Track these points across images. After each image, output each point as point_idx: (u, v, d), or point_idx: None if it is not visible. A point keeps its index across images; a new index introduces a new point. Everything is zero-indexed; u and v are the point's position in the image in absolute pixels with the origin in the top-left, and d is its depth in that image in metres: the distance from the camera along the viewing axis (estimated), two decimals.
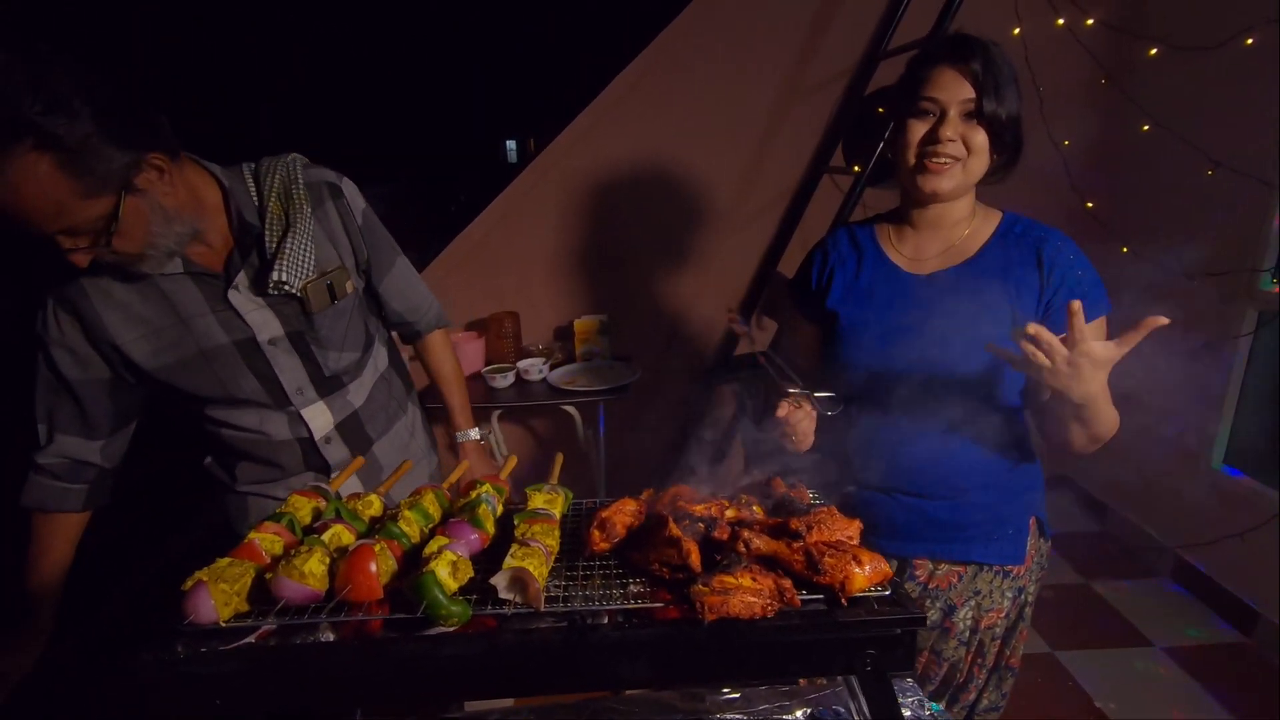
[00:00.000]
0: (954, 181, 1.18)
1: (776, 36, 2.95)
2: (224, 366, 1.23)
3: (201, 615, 0.75)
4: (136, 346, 1.18)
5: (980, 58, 1.13)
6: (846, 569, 0.80)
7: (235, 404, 1.28)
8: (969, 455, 1.27)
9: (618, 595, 0.84)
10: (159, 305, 1.18)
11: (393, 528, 0.88)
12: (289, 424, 1.32)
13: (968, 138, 1.15)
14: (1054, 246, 1.20)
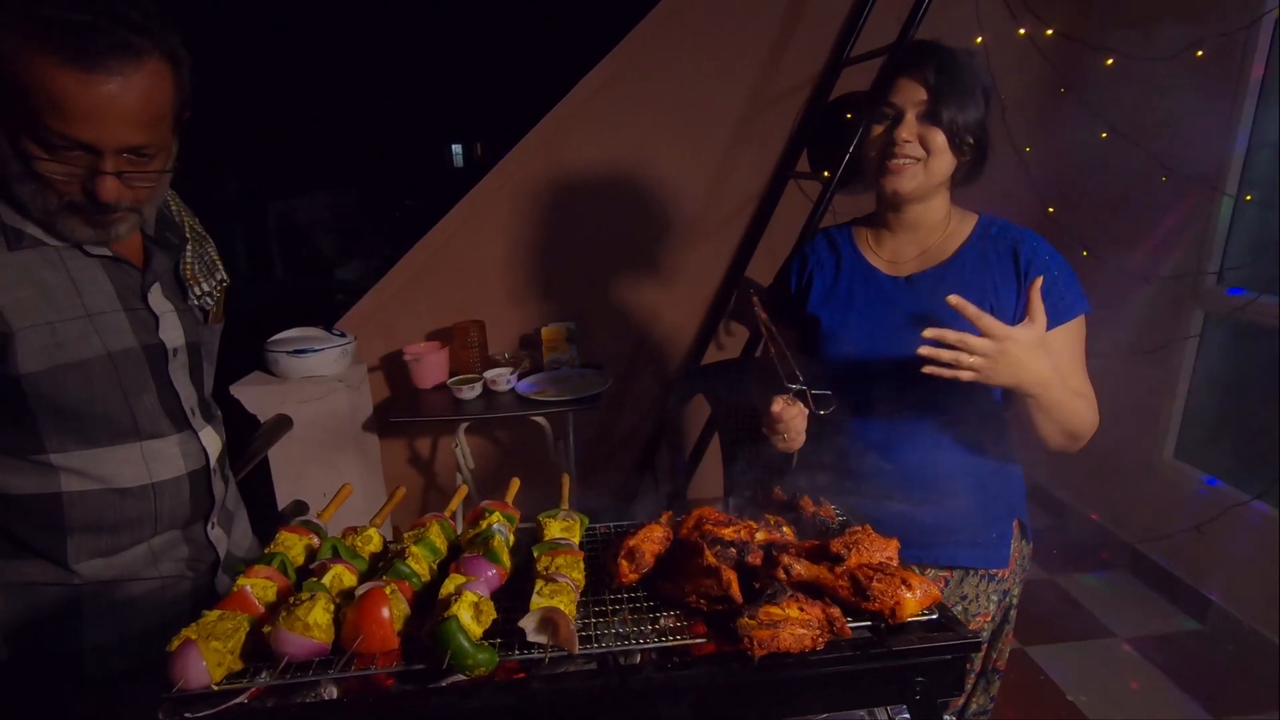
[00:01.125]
0: (915, 181, 1.19)
1: (741, 44, 2.95)
2: (128, 375, 1.03)
3: (192, 678, 0.66)
4: (27, 339, 0.93)
5: (935, 63, 1.16)
6: (897, 594, 0.76)
7: (111, 436, 1.04)
8: (953, 458, 1.26)
9: (650, 631, 0.78)
10: (63, 292, 0.97)
11: (401, 566, 0.79)
12: (181, 452, 1.11)
13: (926, 138, 1.17)
14: (1030, 247, 1.23)
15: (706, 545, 0.84)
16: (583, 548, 0.95)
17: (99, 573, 1.06)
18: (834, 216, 2.94)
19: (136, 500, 1.06)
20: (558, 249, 3.11)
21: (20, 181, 0.91)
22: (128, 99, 0.88)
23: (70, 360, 0.97)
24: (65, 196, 0.92)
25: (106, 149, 0.89)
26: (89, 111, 0.86)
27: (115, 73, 0.87)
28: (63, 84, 0.84)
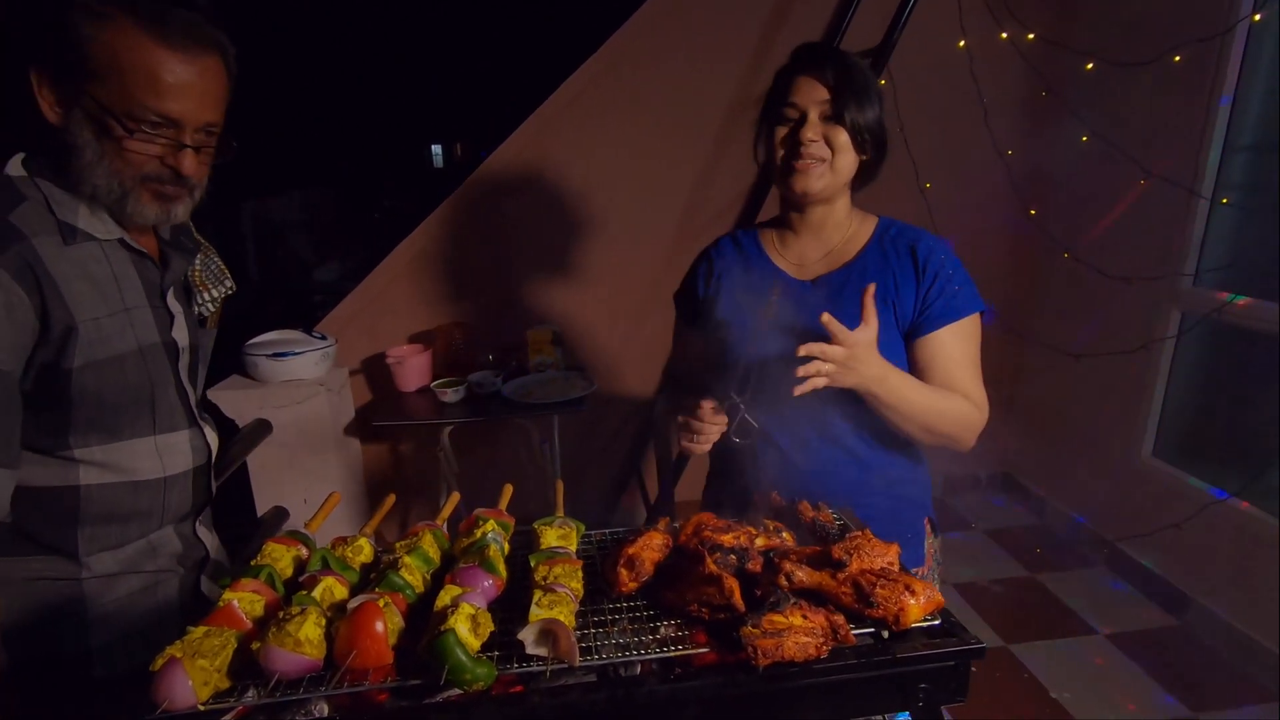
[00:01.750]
0: (823, 181, 1.22)
1: (726, 45, 2.94)
2: (155, 369, 1.08)
3: (177, 699, 0.63)
4: (85, 333, 0.98)
5: (834, 66, 1.19)
6: (901, 600, 0.76)
7: (133, 429, 1.08)
8: (864, 460, 1.29)
9: (651, 641, 0.76)
10: (108, 286, 1.02)
11: (394, 578, 0.77)
12: (190, 447, 1.16)
13: (830, 137, 1.19)
14: (927, 246, 1.26)
15: (707, 552, 0.83)
16: (579, 555, 0.94)
17: (106, 566, 1.08)
18: None
19: (150, 493, 1.10)
20: (542, 251, 3.08)
21: (98, 164, 0.96)
22: (207, 78, 0.99)
23: (111, 354, 1.01)
24: (143, 173, 0.98)
25: (188, 124, 0.98)
26: (180, 89, 0.96)
27: (199, 54, 0.97)
28: (161, 63, 0.94)
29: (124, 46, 0.93)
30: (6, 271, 0.91)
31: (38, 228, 0.96)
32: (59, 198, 0.99)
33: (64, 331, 0.96)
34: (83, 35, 0.92)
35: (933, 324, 1.23)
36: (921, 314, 1.24)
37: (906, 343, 1.26)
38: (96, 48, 0.93)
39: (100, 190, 0.98)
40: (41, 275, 0.94)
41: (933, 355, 1.24)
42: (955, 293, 1.23)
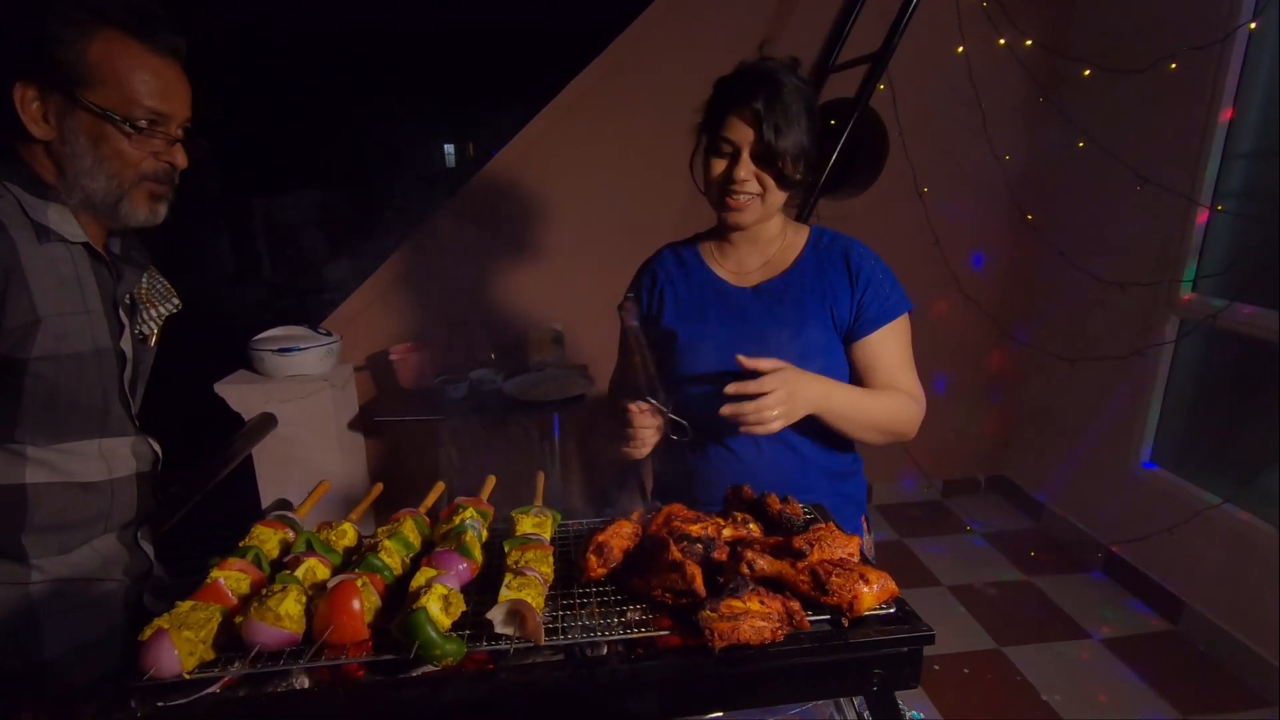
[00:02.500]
0: (754, 215, 1.28)
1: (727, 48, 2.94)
2: (107, 373, 1.11)
3: (163, 667, 0.67)
4: (47, 327, 1.01)
5: (763, 95, 1.20)
6: (855, 588, 0.79)
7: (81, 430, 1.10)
8: (806, 455, 1.34)
9: (617, 624, 0.80)
10: (73, 286, 1.06)
11: (373, 560, 0.81)
12: (134, 453, 1.19)
13: (761, 175, 1.25)
14: (858, 253, 1.34)
15: (674, 541, 0.86)
16: (555, 543, 0.97)
17: (56, 570, 1.09)
18: (817, 219, 2.98)
19: (96, 496, 1.11)
20: (545, 251, 3.12)
21: (98, 168, 1.03)
22: (183, 78, 1.09)
23: (71, 351, 1.04)
24: (140, 171, 1.05)
25: (176, 119, 1.07)
26: (167, 87, 1.05)
27: (174, 54, 1.07)
28: (148, 64, 1.03)
29: (114, 52, 1.00)
30: None
31: (12, 222, 0.99)
32: (29, 201, 1.02)
33: (26, 323, 0.99)
34: (73, 47, 0.98)
35: (869, 327, 1.30)
36: (858, 319, 1.31)
37: (845, 346, 1.33)
38: (89, 56, 0.98)
39: (98, 193, 1.03)
40: (11, 267, 0.98)
41: (873, 356, 1.31)
42: (886, 295, 1.30)
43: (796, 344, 1.28)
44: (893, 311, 1.31)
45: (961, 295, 3.26)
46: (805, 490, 1.31)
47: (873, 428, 1.28)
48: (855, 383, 1.36)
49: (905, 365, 1.34)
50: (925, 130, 2.97)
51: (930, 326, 3.38)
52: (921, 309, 3.31)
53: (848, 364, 1.34)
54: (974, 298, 3.27)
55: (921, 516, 3.65)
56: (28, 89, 0.99)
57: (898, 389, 1.32)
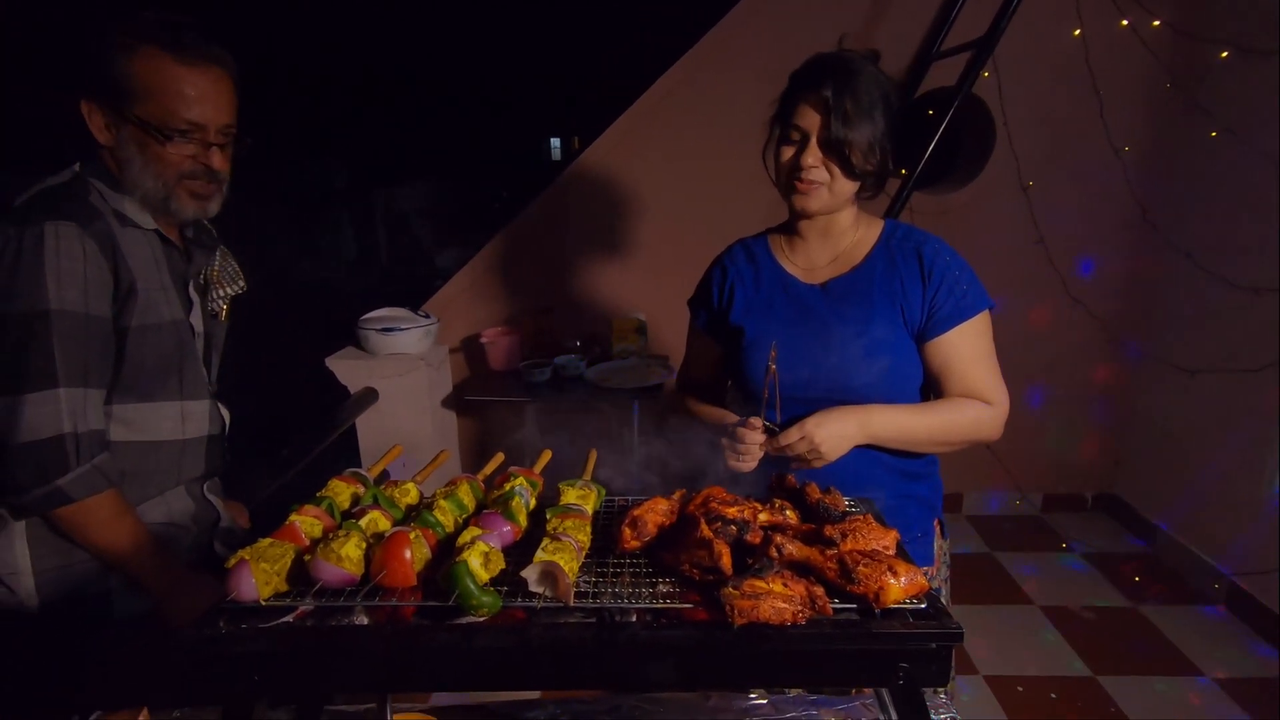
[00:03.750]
0: (820, 202, 1.26)
1: (823, 37, 2.89)
2: (184, 342, 1.27)
3: (243, 593, 0.77)
4: (140, 297, 1.18)
5: (833, 83, 1.19)
6: (881, 579, 0.79)
7: (165, 392, 1.26)
8: (875, 457, 1.30)
9: (647, 594, 0.84)
10: (153, 265, 1.22)
11: (428, 516, 0.89)
12: (207, 416, 1.34)
13: (829, 163, 1.23)
14: (932, 249, 1.29)
15: (708, 521, 0.89)
16: (599, 517, 1.02)
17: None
18: (911, 214, 2.88)
19: (168, 454, 1.27)
20: (631, 242, 3.19)
21: (145, 170, 1.18)
22: (220, 87, 1.20)
23: (156, 320, 1.21)
24: (180, 173, 1.19)
25: (211, 126, 1.19)
26: (199, 98, 1.17)
27: (210, 68, 1.18)
28: (182, 78, 1.15)
29: (152, 70, 1.14)
30: (94, 241, 1.12)
31: (105, 210, 1.17)
32: (109, 194, 1.19)
33: (128, 292, 1.17)
34: (120, 66, 1.13)
35: (943, 325, 1.26)
36: (930, 318, 1.27)
37: (918, 345, 1.29)
38: (133, 74, 1.13)
39: (148, 192, 1.19)
40: (115, 246, 1.15)
41: (948, 356, 1.27)
42: (963, 293, 1.26)
43: (862, 342, 1.26)
44: (969, 309, 1.26)
45: (1069, 298, 3.05)
46: (871, 487, 1.27)
47: (932, 442, 1.27)
48: (930, 384, 1.32)
49: (983, 364, 1.29)
50: (1034, 120, 2.79)
51: (1032, 331, 3.19)
52: (1022, 313, 3.17)
53: (920, 364, 1.31)
54: (1082, 301, 3.05)
55: (1016, 530, 3.45)
56: (91, 104, 1.17)
57: (971, 392, 1.27)
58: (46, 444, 1.10)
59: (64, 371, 1.10)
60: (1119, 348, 3.15)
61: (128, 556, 1.19)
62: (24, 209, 1.11)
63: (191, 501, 1.35)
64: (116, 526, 1.17)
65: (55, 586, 1.21)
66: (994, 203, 2.98)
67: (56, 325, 1.09)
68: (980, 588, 2.97)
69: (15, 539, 1.18)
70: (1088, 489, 3.55)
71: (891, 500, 1.30)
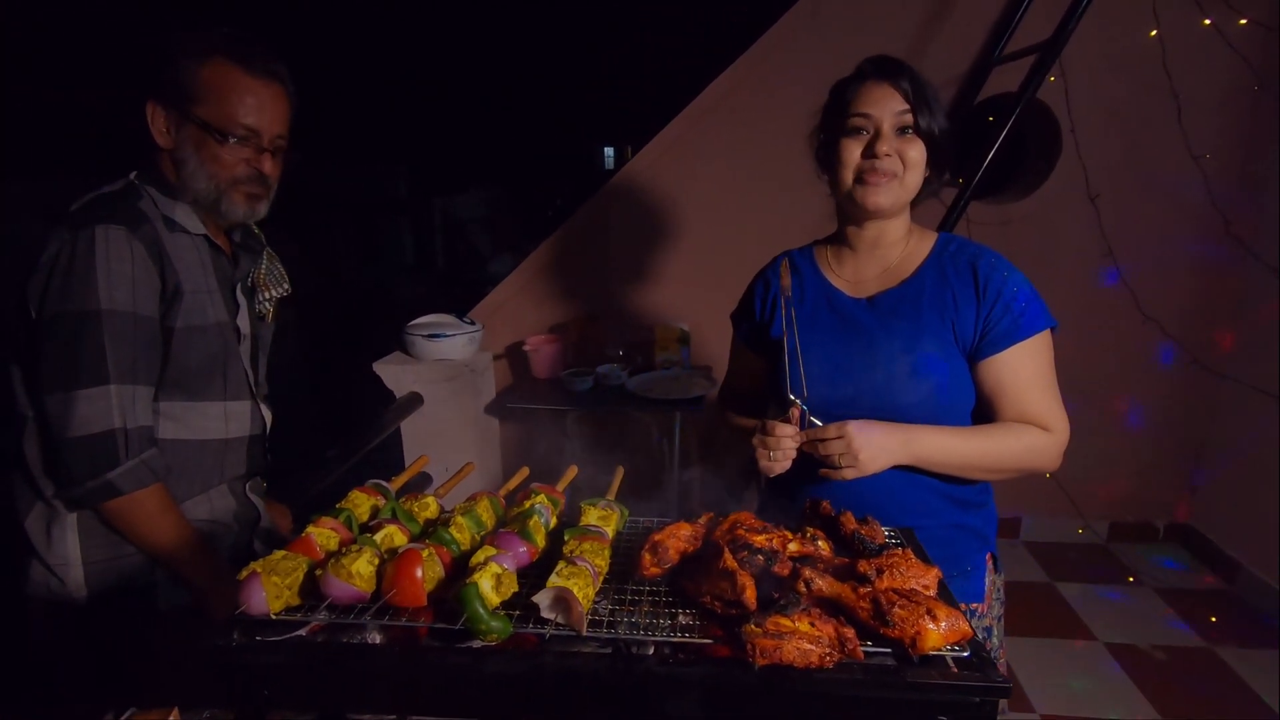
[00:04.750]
0: (892, 196, 1.19)
1: (880, 43, 2.82)
2: (228, 344, 1.31)
3: (254, 605, 0.76)
4: (186, 299, 1.23)
5: (907, 75, 1.16)
6: (919, 623, 0.72)
7: (209, 392, 1.30)
8: (923, 484, 1.23)
9: (666, 625, 0.79)
10: (199, 269, 1.27)
11: (443, 533, 0.87)
12: (250, 416, 1.37)
13: (903, 152, 1.17)
14: (988, 263, 1.22)
15: (734, 549, 0.84)
16: (622, 539, 0.99)
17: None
18: (968, 225, 2.76)
19: (212, 452, 1.30)
20: (677, 252, 3.15)
21: (200, 170, 1.23)
22: (277, 99, 1.27)
23: (201, 322, 1.24)
24: (234, 176, 1.24)
25: (265, 133, 1.26)
26: (259, 106, 1.24)
27: (271, 81, 1.26)
28: (247, 88, 1.22)
29: (220, 77, 1.21)
30: (142, 244, 1.16)
31: (154, 216, 1.22)
32: (161, 200, 1.24)
33: (174, 294, 1.20)
34: (190, 72, 1.20)
35: (998, 345, 1.18)
36: (984, 336, 1.19)
37: (970, 365, 1.21)
38: (200, 80, 1.20)
39: (202, 193, 1.24)
40: (162, 249, 1.20)
41: (1000, 378, 1.19)
42: (1021, 309, 1.18)
43: (908, 360, 1.19)
44: (1028, 328, 1.18)
45: (1140, 315, 2.86)
46: (919, 515, 1.23)
47: (982, 469, 1.19)
48: (982, 407, 1.24)
49: (1041, 387, 1.20)
50: (1104, 127, 2.64)
51: (1100, 350, 3.00)
52: (1089, 330, 2.99)
53: (972, 385, 1.23)
54: (1156, 319, 2.85)
55: (1080, 560, 3.25)
56: (156, 106, 1.22)
57: (1027, 417, 1.19)
58: (98, 438, 1.13)
59: (114, 369, 1.14)
60: (1196, 369, 2.94)
61: (172, 550, 1.21)
62: (78, 214, 1.16)
63: (234, 500, 1.37)
64: (162, 520, 1.20)
65: (103, 578, 1.25)
66: (1059, 214, 2.82)
67: (107, 324, 1.12)
68: (1039, 620, 2.80)
69: (67, 531, 1.22)
70: (1159, 518, 3.33)
71: (941, 530, 1.24)
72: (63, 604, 1.24)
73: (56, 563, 1.22)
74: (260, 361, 1.45)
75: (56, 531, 1.22)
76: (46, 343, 1.14)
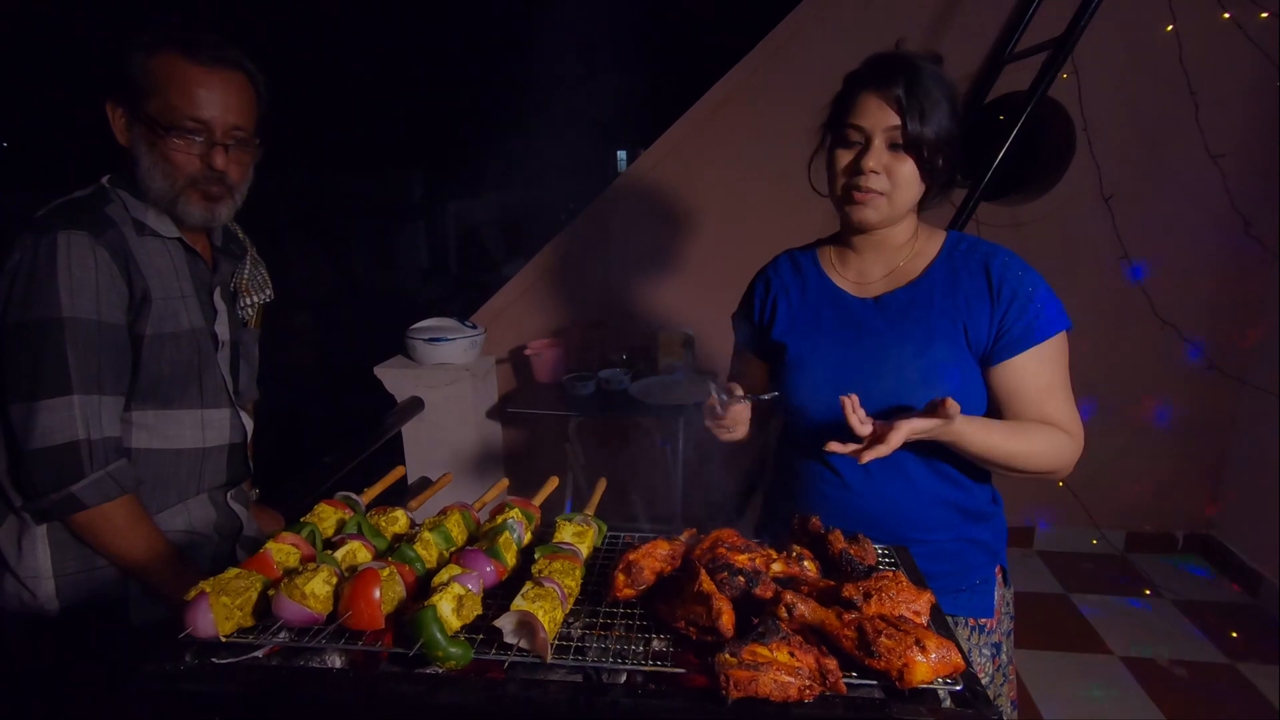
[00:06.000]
0: (880, 214, 1.14)
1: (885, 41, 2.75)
2: (203, 351, 1.27)
3: (200, 628, 0.72)
4: (155, 306, 1.19)
5: (904, 81, 1.09)
6: (906, 655, 0.67)
7: (183, 400, 1.26)
8: (930, 494, 1.19)
9: (639, 651, 0.75)
10: (171, 275, 1.23)
11: (407, 550, 0.82)
12: (229, 425, 1.33)
13: (892, 169, 1.11)
14: (1001, 263, 1.17)
15: (714, 570, 0.79)
16: (600, 555, 0.94)
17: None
18: (978, 227, 2.69)
19: (189, 461, 1.25)
20: (680, 255, 3.10)
21: (154, 169, 1.18)
22: (230, 89, 1.20)
23: (173, 329, 1.20)
24: (188, 174, 1.19)
25: (217, 126, 1.19)
26: (207, 97, 1.17)
27: (223, 69, 1.19)
28: (191, 77, 1.16)
29: (166, 67, 1.16)
30: (106, 250, 1.12)
31: (122, 220, 1.18)
32: (132, 203, 1.20)
33: (142, 301, 1.16)
34: (139, 65, 1.16)
35: (1013, 349, 1.12)
36: (999, 339, 1.13)
37: (983, 368, 1.15)
38: (148, 72, 1.16)
39: (157, 191, 1.19)
40: (128, 255, 1.16)
41: (1016, 383, 1.13)
42: (1037, 311, 1.12)
43: (919, 364, 1.14)
44: (1044, 330, 1.12)
45: (1157, 320, 2.77)
46: (927, 527, 1.19)
47: (1010, 462, 1.12)
48: (994, 412, 1.18)
49: (1057, 393, 1.15)
50: (1118, 125, 2.56)
51: (1115, 355, 2.92)
52: (1103, 335, 2.91)
53: (985, 389, 1.17)
54: (1173, 323, 2.77)
55: (1096, 571, 3.16)
56: (114, 106, 1.19)
57: (1047, 421, 1.14)
58: (61, 449, 1.10)
59: (78, 378, 1.10)
60: (1216, 374, 2.85)
61: (144, 564, 1.18)
62: (41, 220, 1.13)
63: (214, 510, 1.34)
64: (131, 533, 1.17)
65: (75, 591, 1.21)
66: (1073, 215, 2.74)
67: (69, 332, 1.09)
68: (1052, 632, 2.72)
69: (37, 543, 1.19)
70: (1178, 528, 3.23)
71: (949, 544, 1.20)
72: (35, 617, 1.21)
73: (28, 575, 1.19)
74: (241, 368, 1.41)
75: (27, 544, 1.18)
76: (8, 352, 1.11)
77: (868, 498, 1.20)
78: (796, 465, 1.28)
